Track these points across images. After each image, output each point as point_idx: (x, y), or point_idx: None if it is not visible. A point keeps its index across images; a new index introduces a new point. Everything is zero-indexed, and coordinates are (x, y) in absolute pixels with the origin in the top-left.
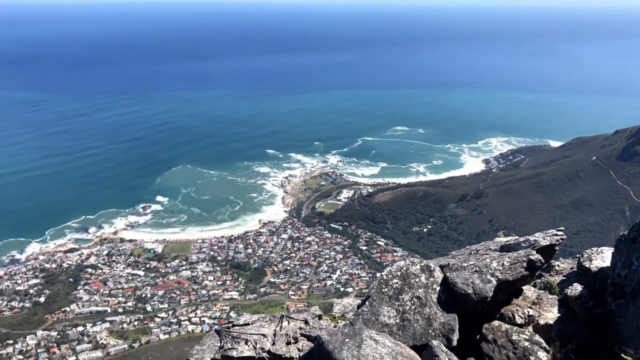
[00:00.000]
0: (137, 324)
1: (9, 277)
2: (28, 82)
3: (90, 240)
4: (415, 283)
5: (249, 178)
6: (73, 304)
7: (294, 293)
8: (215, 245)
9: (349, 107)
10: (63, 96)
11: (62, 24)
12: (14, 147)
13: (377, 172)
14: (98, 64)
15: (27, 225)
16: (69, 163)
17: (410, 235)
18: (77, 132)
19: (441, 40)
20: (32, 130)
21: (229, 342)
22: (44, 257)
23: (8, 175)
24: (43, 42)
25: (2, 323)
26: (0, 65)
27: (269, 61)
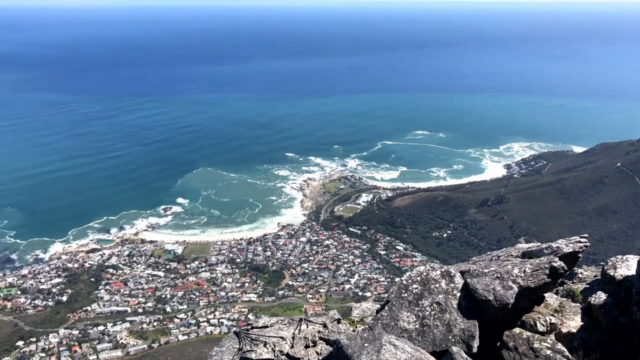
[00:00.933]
0: (156, 325)
1: (32, 276)
2: (54, 84)
3: (112, 241)
4: (435, 288)
5: (268, 181)
6: (94, 303)
7: (312, 296)
8: (235, 248)
9: (369, 111)
10: (88, 98)
11: (87, 26)
12: (40, 148)
13: (397, 176)
14: (122, 67)
15: (51, 225)
16: (93, 164)
17: (430, 241)
18: (102, 134)
19: (465, 44)
20: (58, 132)
21: (247, 344)
22: (66, 256)
23: (34, 176)
24: (68, 45)
25: (26, 321)
26: (27, 67)
27: (291, 64)
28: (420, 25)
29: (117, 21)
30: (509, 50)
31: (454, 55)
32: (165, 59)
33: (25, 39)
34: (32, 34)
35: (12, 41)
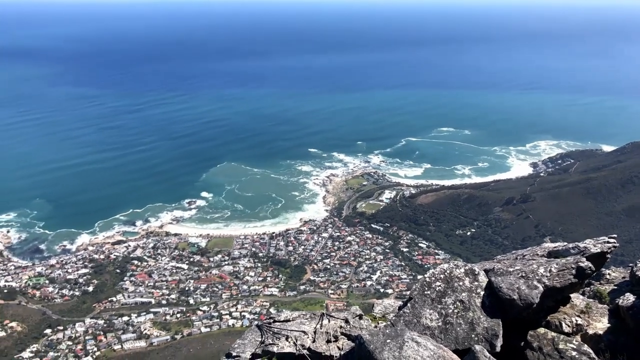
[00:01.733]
0: (179, 316)
1: (60, 266)
2: (83, 78)
3: (137, 233)
4: (458, 286)
5: (291, 176)
6: (119, 294)
7: (334, 292)
8: (257, 242)
9: (394, 107)
10: (116, 92)
11: (117, 22)
12: (70, 142)
13: (421, 173)
14: (149, 61)
15: (79, 217)
16: (120, 158)
17: (453, 239)
18: (129, 127)
19: (492, 40)
20: (87, 125)
21: (269, 337)
22: (93, 248)
23: (64, 169)
24: (98, 40)
25: (54, 310)
26: (58, 61)
27: (317, 60)
28: (447, 21)
29: (146, 16)
30: (538, 47)
31: (482, 52)
32: (192, 54)
33: (56, 34)
34: (64, 29)
35: (44, 36)
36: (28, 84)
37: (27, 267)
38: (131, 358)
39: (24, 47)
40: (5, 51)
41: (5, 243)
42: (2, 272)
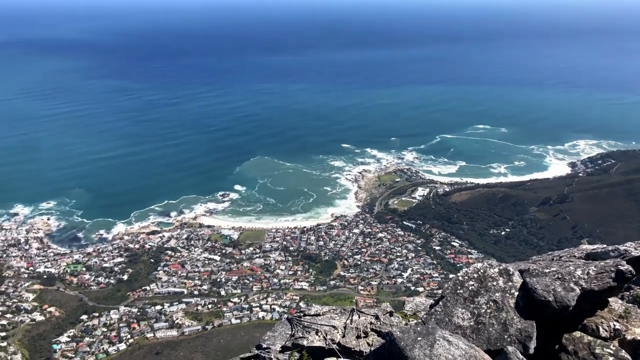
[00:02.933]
0: (211, 307)
1: (97, 254)
2: (121, 71)
3: (172, 224)
4: (492, 286)
5: (323, 171)
6: (153, 283)
7: (364, 288)
8: (288, 236)
9: (429, 103)
10: (153, 85)
11: (151, 16)
12: (108, 134)
13: (455, 171)
14: (186, 55)
15: (115, 207)
16: (156, 151)
17: (487, 238)
18: (166, 121)
19: (532, 36)
20: (124, 118)
21: (299, 330)
22: (128, 237)
23: (102, 160)
24: (136, 33)
25: (90, 296)
26: (95, 54)
27: (352, 55)
28: (484, 17)
29: (182, 11)
30: (580, 44)
31: (522, 48)
32: (227, 48)
33: (95, 27)
34: (102, 22)
35: (83, 29)
36: (67, 76)
37: (66, 254)
38: (163, 346)
39: (64, 40)
40: (47, 44)
41: (45, 230)
42: (42, 259)
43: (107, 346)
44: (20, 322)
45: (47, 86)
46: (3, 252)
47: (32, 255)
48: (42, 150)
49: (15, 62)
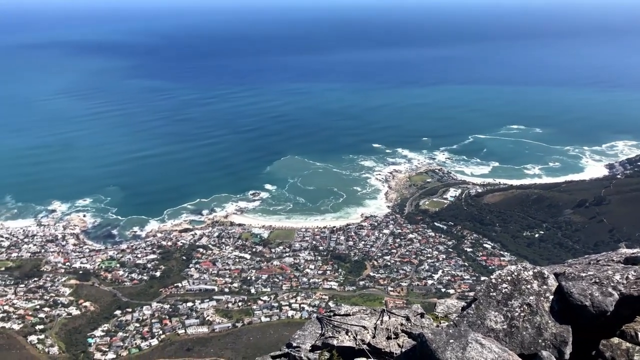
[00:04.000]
0: (241, 305)
1: (130, 251)
2: (156, 71)
3: (203, 222)
4: (526, 289)
5: (353, 171)
6: (184, 280)
7: (393, 289)
8: (318, 235)
9: (462, 103)
10: (187, 86)
11: (189, 17)
12: (144, 133)
13: (488, 172)
14: (218, 56)
15: (149, 205)
16: (190, 150)
17: (520, 240)
18: (199, 120)
19: (567, 35)
20: (159, 118)
21: (329, 330)
22: (161, 234)
23: (137, 159)
24: (171, 35)
25: (123, 292)
26: (132, 55)
27: (384, 54)
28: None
29: (216, 12)
30: (617, 42)
31: (557, 47)
32: (259, 48)
33: (132, 29)
34: (139, 24)
35: (120, 31)
36: (105, 76)
37: (101, 251)
38: (194, 343)
39: (103, 41)
40: (86, 45)
41: (81, 227)
42: (78, 255)
43: (140, 341)
44: (57, 315)
45: (85, 86)
46: (41, 247)
47: (69, 251)
48: (80, 149)
49: (56, 63)
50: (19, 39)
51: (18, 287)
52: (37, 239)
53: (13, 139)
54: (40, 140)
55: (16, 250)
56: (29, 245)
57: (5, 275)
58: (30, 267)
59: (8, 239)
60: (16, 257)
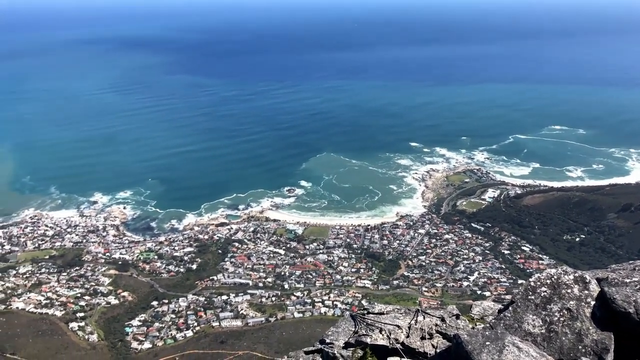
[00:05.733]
0: (274, 300)
1: (168, 243)
2: (197, 67)
3: (239, 217)
4: (566, 294)
5: (389, 170)
6: (220, 273)
7: (427, 290)
8: (352, 233)
9: (503, 103)
10: (227, 82)
11: (232, 14)
12: (185, 129)
13: (528, 173)
14: (260, 52)
15: (187, 199)
16: (229, 147)
17: (560, 244)
18: (239, 117)
19: (615, 32)
20: (200, 114)
21: (363, 328)
22: (198, 228)
23: (177, 154)
24: (213, 31)
25: (160, 283)
26: (175, 51)
27: (425, 52)
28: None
29: (259, 9)
30: None
31: (606, 45)
32: (300, 45)
33: (175, 25)
34: (183, 20)
35: (164, 27)
36: (149, 72)
37: (139, 242)
38: (228, 335)
39: (147, 37)
40: (131, 41)
41: (121, 219)
42: (118, 245)
43: (175, 332)
44: (96, 304)
45: (130, 81)
46: (83, 237)
47: (109, 242)
48: (122, 143)
49: (102, 59)
50: (65, 35)
51: (61, 275)
52: (79, 230)
53: (59, 132)
54: (84, 133)
55: (60, 239)
56: (72, 235)
57: (49, 264)
58: (72, 256)
59: (52, 228)
60: (59, 246)
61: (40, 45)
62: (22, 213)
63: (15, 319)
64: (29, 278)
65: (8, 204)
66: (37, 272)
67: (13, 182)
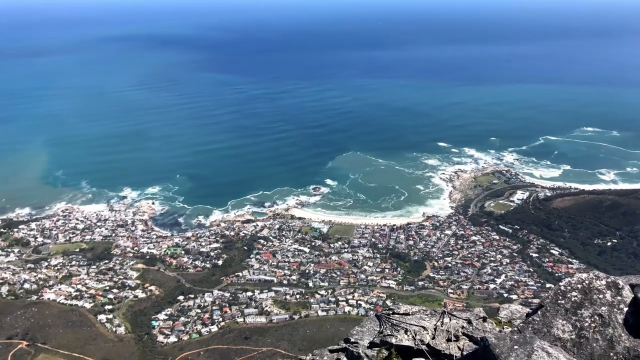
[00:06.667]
0: (298, 297)
1: (195, 239)
2: (226, 65)
3: (265, 214)
4: (598, 299)
5: (416, 169)
6: (245, 270)
7: (453, 291)
8: (377, 233)
9: (533, 103)
10: (256, 80)
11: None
12: (213, 126)
13: (558, 175)
14: (288, 51)
15: (214, 195)
16: (256, 145)
17: (591, 248)
18: (267, 115)
19: None
20: (228, 112)
21: (388, 328)
22: (224, 224)
23: (205, 151)
24: (241, 29)
25: (187, 278)
26: (204, 49)
27: (456, 51)
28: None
29: (288, 7)
30: None
31: None
32: (328, 43)
33: (204, 23)
34: (212, 18)
35: (193, 25)
36: (178, 69)
37: (167, 237)
38: (252, 332)
39: (176, 35)
40: (161, 39)
41: (150, 214)
42: (146, 240)
43: (200, 327)
44: (124, 297)
45: (159, 78)
46: (112, 231)
47: (137, 236)
48: (152, 139)
49: (133, 56)
50: (97, 32)
51: (90, 268)
52: (109, 224)
53: (90, 128)
54: (115, 129)
55: (90, 233)
56: (101, 229)
57: (79, 256)
58: (102, 249)
59: (83, 222)
60: (89, 239)
61: (72, 42)
62: (54, 206)
63: (47, 310)
64: (60, 270)
65: (41, 198)
66: (68, 264)
67: (46, 176)
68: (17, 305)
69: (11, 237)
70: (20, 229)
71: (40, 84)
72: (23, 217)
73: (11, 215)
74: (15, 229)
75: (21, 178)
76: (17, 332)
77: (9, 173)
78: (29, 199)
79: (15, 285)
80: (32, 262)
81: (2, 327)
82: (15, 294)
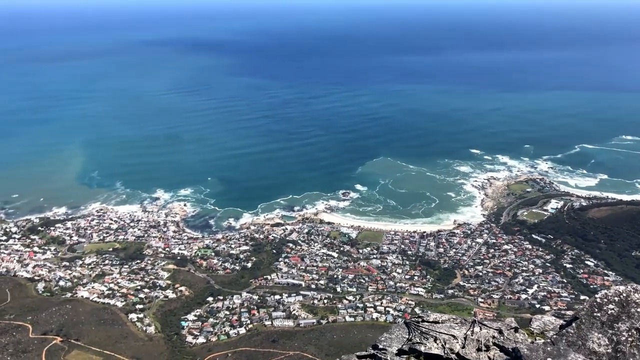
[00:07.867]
0: (326, 302)
1: (225, 241)
2: (259, 69)
3: (294, 218)
4: (636, 313)
5: (448, 176)
6: (273, 273)
7: (484, 301)
8: (407, 239)
9: (572, 111)
10: (288, 84)
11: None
12: (246, 130)
13: (595, 185)
14: (320, 55)
15: (244, 198)
16: (287, 149)
17: (628, 260)
18: (299, 120)
19: None
20: (261, 116)
21: (417, 336)
22: (254, 227)
23: (237, 155)
24: (275, 33)
25: (216, 280)
26: (238, 53)
27: (494, 57)
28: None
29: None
30: None
31: None
32: (362, 48)
33: (239, 28)
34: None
35: (227, 29)
36: (212, 73)
37: (197, 239)
38: (279, 335)
39: (211, 39)
40: (195, 43)
41: (181, 215)
42: (177, 241)
43: (229, 329)
44: (155, 297)
45: (194, 82)
46: (145, 232)
47: (169, 237)
48: (185, 142)
49: (168, 60)
50: (135, 36)
51: (122, 268)
52: (142, 224)
53: (126, 130)
54: (149, 132)
55: (123, 233)
56: (134, 229)
57: (112, 256)
58: (134, 249)
59: (117, 222)
60: (122, 239)
61: (109, 46)
62: (89, 206)
63: (80, 307)
64: (93, 269)
65: (77, 197)
66: (101, 263)
67: (82, 176)
68: (52, 302)
69: (48, 235)
70: (57, 227)
71: (79, 86)
72: (60, 216)
73: (49, 214)
74: (52, 227)
75: (59, 178)
76: (52, 327)
77: (48, 173)
78: (65, 199)
79: (51, 283)
80: (67, 260)
81: (38, 323)
82: (51, 291)
